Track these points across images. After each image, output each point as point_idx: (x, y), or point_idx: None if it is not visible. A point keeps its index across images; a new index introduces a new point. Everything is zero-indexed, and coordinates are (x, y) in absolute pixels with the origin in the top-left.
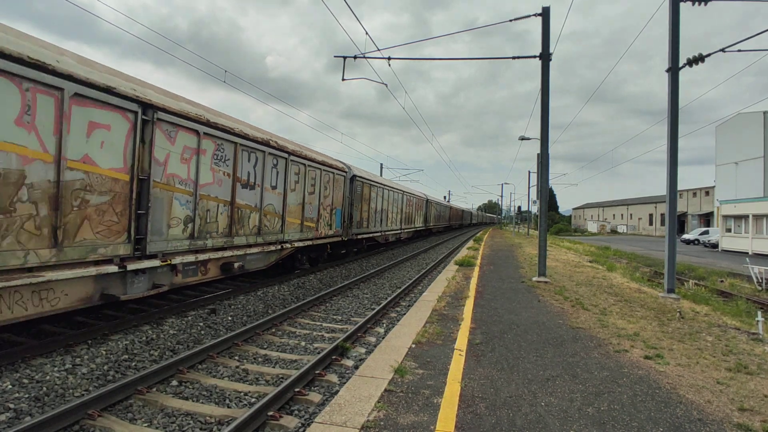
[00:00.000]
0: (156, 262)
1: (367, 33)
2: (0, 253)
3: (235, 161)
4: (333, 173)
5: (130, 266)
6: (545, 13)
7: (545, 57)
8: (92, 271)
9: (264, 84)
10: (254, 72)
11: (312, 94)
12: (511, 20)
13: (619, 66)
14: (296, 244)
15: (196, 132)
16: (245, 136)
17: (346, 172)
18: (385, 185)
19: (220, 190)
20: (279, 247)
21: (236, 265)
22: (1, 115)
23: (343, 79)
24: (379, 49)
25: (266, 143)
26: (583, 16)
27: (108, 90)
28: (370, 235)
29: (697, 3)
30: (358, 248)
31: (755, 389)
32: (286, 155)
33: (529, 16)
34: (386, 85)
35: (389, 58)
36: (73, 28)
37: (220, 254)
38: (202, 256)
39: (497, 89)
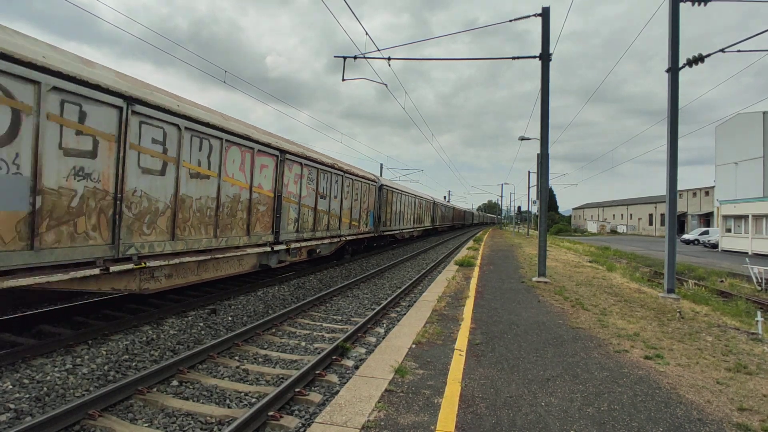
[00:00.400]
0: (283, 246)
1: (367, 33)
2: (231, 237)
3: (317, 180)
4: (368, 184)
5: (275, 248)
6: (545, 14)
7: (545, 57)
8: (260, 249)
9: (264, 84)
10: (254, 72)
11: (312, 94)
12: (511, 20)
13: (619, 66)
14: (347, 238)
15: (300, 164)
16: (322, 163)
17: (375, 182)
18: (402, 191)
19: (310, 200)
20: (338, 239)
21: (317, 251)
22: (234, 165)
23: (343, 80)
24: (379, 50)
25: (332, 166)
26: (582, 16)
27: (268, 145)
28: (392, 232)
29: (697, 3)
30: (384, 243)
31: (755, 389)
32: (342, 173)
33: (529, 16)
34: (386, 85)
35: (389, 59)
36: (73, 28)
37: (309, 243)
38: (302, 244)
39: (497, 89)
